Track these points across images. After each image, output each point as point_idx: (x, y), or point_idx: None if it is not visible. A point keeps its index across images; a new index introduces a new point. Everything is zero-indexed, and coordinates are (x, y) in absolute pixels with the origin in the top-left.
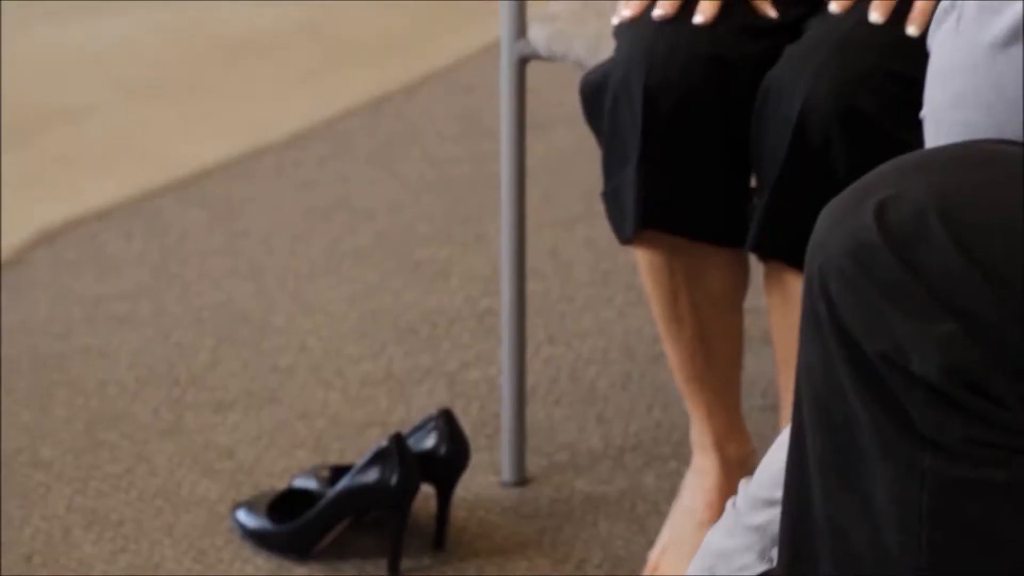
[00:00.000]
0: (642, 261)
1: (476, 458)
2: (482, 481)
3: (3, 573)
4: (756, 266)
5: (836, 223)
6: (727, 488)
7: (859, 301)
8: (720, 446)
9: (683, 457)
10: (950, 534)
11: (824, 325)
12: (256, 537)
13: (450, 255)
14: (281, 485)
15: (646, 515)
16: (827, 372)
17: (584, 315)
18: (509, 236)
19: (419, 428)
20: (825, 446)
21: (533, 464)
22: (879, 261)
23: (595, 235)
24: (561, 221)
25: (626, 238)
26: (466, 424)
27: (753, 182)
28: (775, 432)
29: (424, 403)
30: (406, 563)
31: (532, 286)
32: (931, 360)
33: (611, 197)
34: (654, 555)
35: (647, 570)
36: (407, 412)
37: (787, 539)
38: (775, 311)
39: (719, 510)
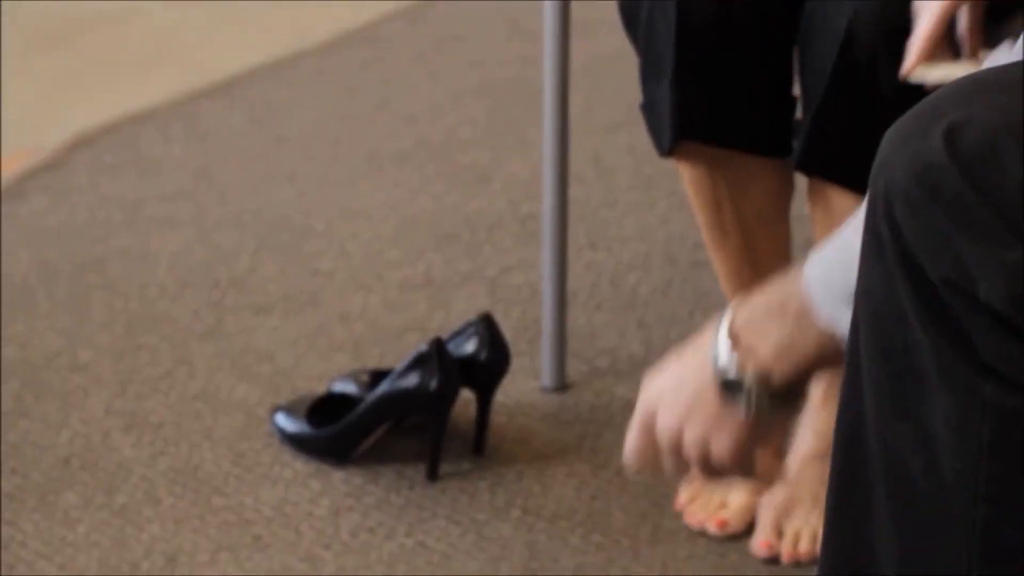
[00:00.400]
0: (684, 173)
1: (516, 363)
2: (522, 386)
3: (42, 476)
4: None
5: (902, 144)
6: None
7: (924, 224)
8: None
9: None
10: (1009, 465)
11: (887, 248)
12: (294, 441)
13: (492, 159)
14: (320, 389)
15: None
16: (888, 296)
17: (626, 220)
18: (551, 141)
19: (459, 333)
20: (882, 371)
21: (573, 370)
22: (947, 183)
23: (637, 141)
24: (604, 126)
25: (664, 150)
26: (506, 329)
27: (797, 91)
28: None
29: (464, 308)
30: (445, 468)
31: (574, 191)
32: (997, 287)
33: (649, 109)
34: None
35: (690, 480)
36: (447, 317)
37: (839, 464)
38: (819, 227)
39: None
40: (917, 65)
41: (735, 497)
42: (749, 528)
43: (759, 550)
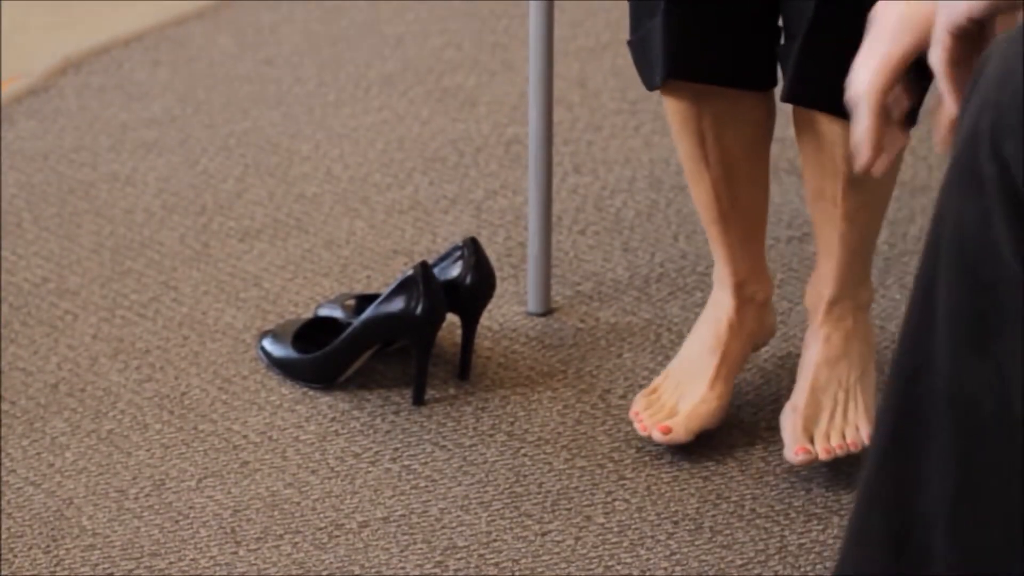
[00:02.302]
0: (669, 106)
1: (501, 288)
2: (507, 311)
3: (29, 402)
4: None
5: (1009, 83)
6: (741, 326)
7: None
8: (741, 287)
9: (708, 287)
10: None
11: (988, 183)
12: (281, 366)
13: (477, 83)
14: (307, 314)
15: (671, 345)
16: (982, 231)
17: (611, 144)
18: (537, 64)
19: (445, 257)
20: (963, 305)
21: (558, 294)
22: None
23: (623, 63)
24: (589, 49)
25: (654, 87)
26: (491, 253)
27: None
28: (802, 263)
29: (450, 232)
30: (430, 393)
31: (559, 114)
32: None
33: (637, 45)
34: (658, 378)
35: (647, 391)
36: (433, 241)
37: (898, 395)
38: (808, 156)
39: (731, 346)
40: (875, 161)
41: (683, 406)
42: (695, 438)
43: (795, 456)
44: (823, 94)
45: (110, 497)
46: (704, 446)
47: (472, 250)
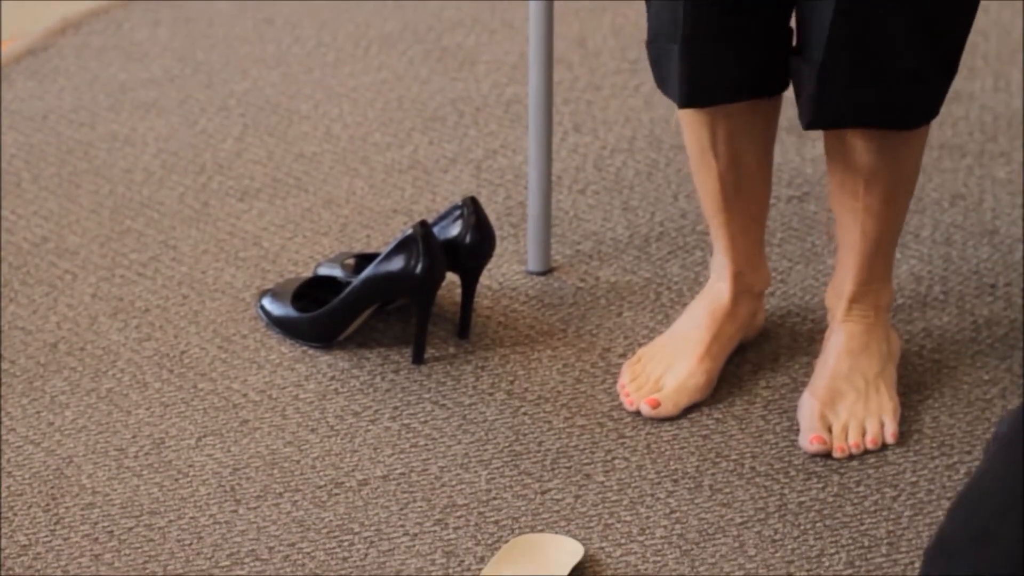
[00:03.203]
0: (681, 112)
1: (501, 247)
2: (507, 270)
3: (29, 361)
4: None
5: None
6: (737, 313)
7: None
8: (739, 276)
9: (707, 247)
10: None
11: None
12: (281, 325)
13: (477, 42)
14: (306, 273)
15: (670, 304)
16: None
17: (611, 103)
18: (536, 23)
19: (445, 216)
20: None
21: (558, 253)
22: None
23: (623, 23)
24: (589, 8)
25: (676, 102)
26: (491, 213)
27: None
28: (802, 222)
29: (449, 191)
30: (430, 352)
31: (559, 74)
32: None
33: (656, 62)
34: (644, 348)
35: (632, 360)
36: (432, 200)
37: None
38: (832, 153)
39: (724, 327)
40: None
41: (669, 380)
42: (682, 411)
43: (810, 445)
44: (847, 113)
45: (110, 455)
46: (704, 404)
47: (472, 209)
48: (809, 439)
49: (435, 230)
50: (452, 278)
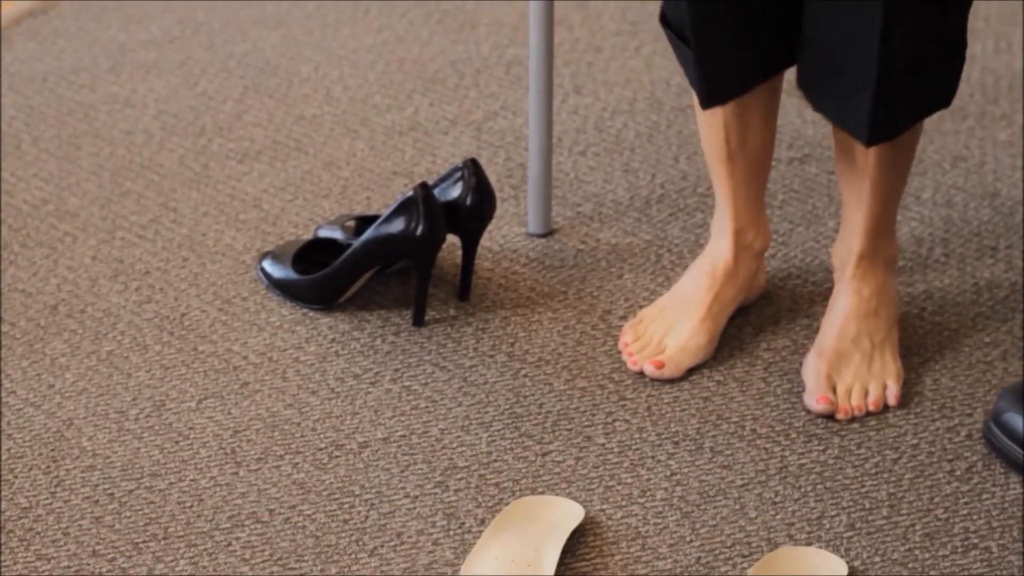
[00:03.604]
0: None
1: (501, 209)
2: (507, 232)
3: (29, 323)
4: None
5: None
6: (738, 273)
7: None
8: (740, 234)
9: (708, 209)
10: None
11: None
12: (281, 287)
13: (477, 3)
14: (306, 235)
15: (671, 266)
16: None
17: (611, 65)
18: None
19: (445, 178)
20: None
21: (558, 215)
22: None
23: None
24: None
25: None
26: (492, 174)
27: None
28: (803, 184)
29: (450, 153)
30: (431, 314)
31: (559, 35)
32: None
33: (673, 44)
34: (645, 308)
35: (634, 320)
36: (433, 162)
37: None
38: (843, 165)
39: (725, 287)
40: None
41: (672, 341)
42: (684, 373)
43: (816, 405)
44: (904, 120)
45: (110, 418)
46: (705, 367)
47: (472, 171)
48: (816, 399)
49: (435, 192)
50: (452, 240)
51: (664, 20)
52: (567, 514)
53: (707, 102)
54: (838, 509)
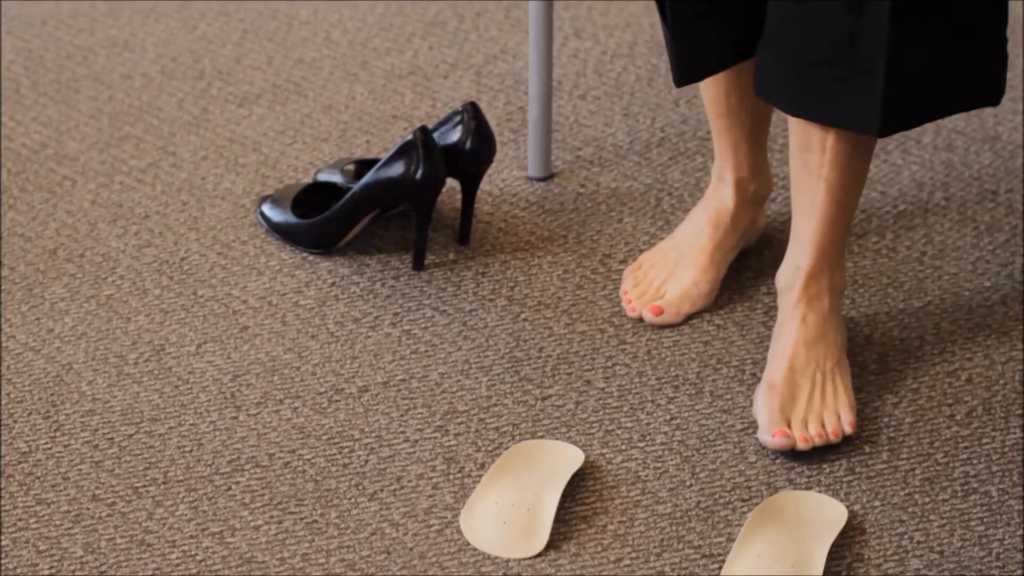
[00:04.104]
0: None
1: (501, 152)
2: (507, 176)
3: (28, 267)
4: None
5: None
6: (740, 220)
7: None
8: (741, 183)
9: (709, 153)
10: None
11: None
12: (280, 231)
13: None
14: (306, 179)
15: (671, 210)
16: None
17: (611, 8)
18: None
19: (445, 122)
20: None
21: (558, 159)
22: None
23: None
24: None
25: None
26: (491, 118)
27: None
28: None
29: (449, 96)
30: (430, 258)
31: None
32: None
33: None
34: (645, 253)
35: (633, 266)
36: (432, 105)
37: None
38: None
39: (727, 234)
40: None
41: (672, 287)
42: (684, 319)
43: (772, 440)
44: (915, 114)
45: (110, 362)
46: (704, 311)
47: (472, 115)
48: (772, 433)
49: (435, 136)
50: (452, 184)
51: None
52: (567, 458)
53: (679, 80)
54: (838, 453)
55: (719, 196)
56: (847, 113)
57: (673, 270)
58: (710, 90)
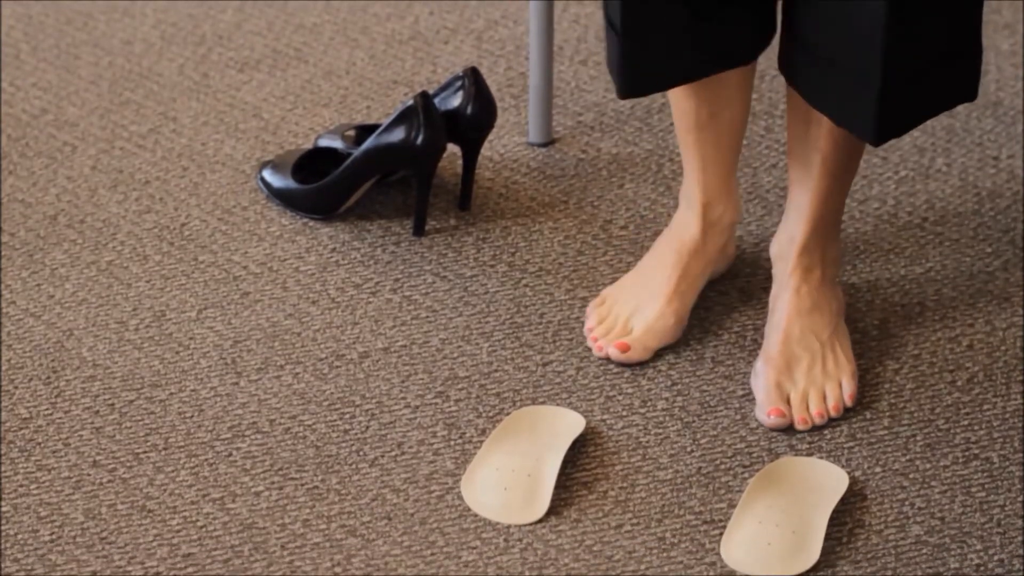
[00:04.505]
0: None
1: (502, 118)
2: (508, 141)
3: (29, 233)
4: None
5: None
6: (706, 249)
7: None
8: (708, 206)
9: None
10: None
11: None
12: (281, 196)
13: None
14: (306, 144)
15: (672, 176)
16: None
17: None
18: None
19: (445, 87)
20: None
21: (559, 124)
22: None
23: None
24: None
25: (619, 93)
26: (492, 83)
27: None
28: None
29: (450, 62)
30: (431, 223)
31: None
32: None
33: (608, 59)
34: (609, 288)
35: (596, 301)
36: (433, 71)
37: None
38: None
39: (692, 265)
40: None
41: (637, 321)
42: (652, 355)
43: (767, 419)
44: (912, 118)
45: (110, 328)
46: (716, 279)
47: (473, 80)
48: (767, 412)
49: (436, 101)
50: (453, 150)
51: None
52: (568, 424)
53: (625, 93)
54: (839, 419)
55: (684, 225)
56: (847, 115)
57: (638, 304)
58: (679, 103)
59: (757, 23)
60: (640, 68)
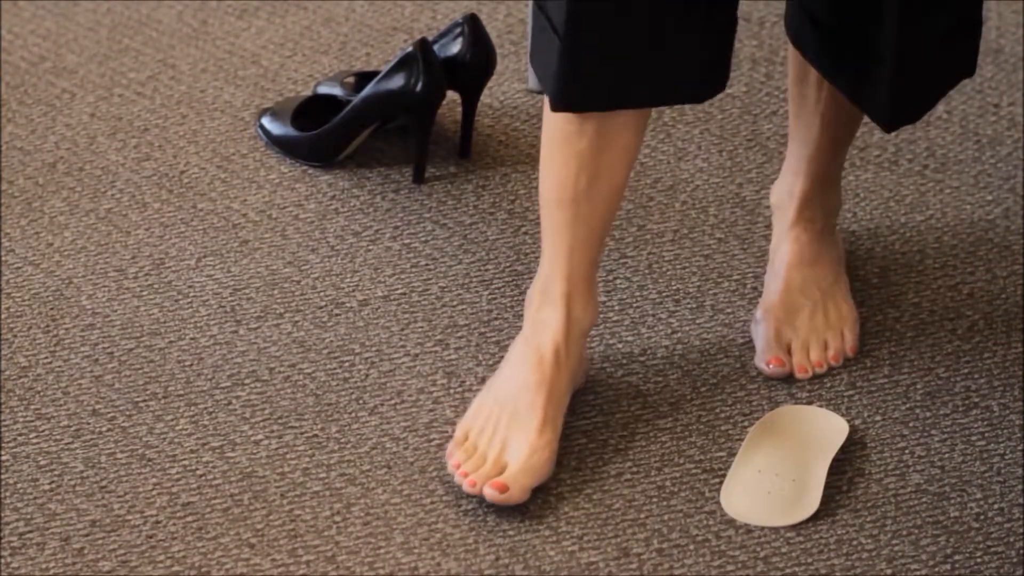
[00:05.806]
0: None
1: (502, 65)
2: (508, 88)
3: (27, 181)
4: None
5: None
6: (567, 355)
7: None
8: (571, 299)
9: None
10: None
11: None
12: (280, 144)
13: None
14: (305, 91)
15: (672, 123)
16: None
17: None
18: None
19: (445, 34)
20: None
21: None
22: None
23: None
24: None
25: (553, 106)
26: (492, 30)
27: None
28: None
29: (450, 8)
30: (431, 171)
31: None
32: None
33: (535, 55)
34: (466, 419)
35: (458, 438)
36: (433, 17)
37: None
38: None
39: (556, 382)
40: None
41: (511, 458)
42: (531, 493)
43: (767, 368)
44: (928, 102)
45: (109, 276)
46: (706, 224)
47: (472, 27)
48: (766, 360)
49: (435, 48)
50: (452, 96)
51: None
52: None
53: (563, 102)
54: (839, 368)
55: (542, 326)
56: (862, 95)
57: (507, 438)
58: (555, 169)
59: (707, 62)
60: (584, 80)
